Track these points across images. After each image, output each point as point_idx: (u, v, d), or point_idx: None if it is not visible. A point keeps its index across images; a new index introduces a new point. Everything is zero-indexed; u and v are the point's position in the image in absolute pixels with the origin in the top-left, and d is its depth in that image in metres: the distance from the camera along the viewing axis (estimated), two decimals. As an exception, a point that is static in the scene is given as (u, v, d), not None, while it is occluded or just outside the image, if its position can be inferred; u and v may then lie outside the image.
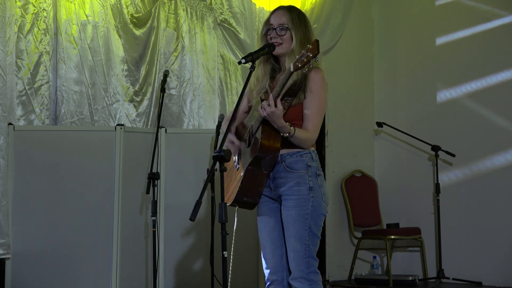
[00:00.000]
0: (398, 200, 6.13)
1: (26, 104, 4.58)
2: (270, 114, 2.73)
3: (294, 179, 2.88)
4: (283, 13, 2.99)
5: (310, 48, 2.64)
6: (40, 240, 4.36)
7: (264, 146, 2.81)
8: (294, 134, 2.81)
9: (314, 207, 2.87)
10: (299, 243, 2.86)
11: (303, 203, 2.86)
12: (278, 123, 2.77)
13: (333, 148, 5.99)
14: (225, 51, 5.39)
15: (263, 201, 3.00)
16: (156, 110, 4.97)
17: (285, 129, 2.79)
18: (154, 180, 4.16)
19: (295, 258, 2.87)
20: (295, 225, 2.86)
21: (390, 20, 6.45)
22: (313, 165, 2.91)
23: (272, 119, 2.75)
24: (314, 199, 2.88)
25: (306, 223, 2.86)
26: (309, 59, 2.63)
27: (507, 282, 5.28)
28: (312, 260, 2.88)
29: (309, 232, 2.86)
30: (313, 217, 2.87)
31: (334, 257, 5.84)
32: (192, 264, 4.70)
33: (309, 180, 2.88)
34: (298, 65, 2.65)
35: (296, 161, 2.89)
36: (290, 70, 2.68)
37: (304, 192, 2.87)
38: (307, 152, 2.92)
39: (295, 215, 2.86)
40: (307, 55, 2.63)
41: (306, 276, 2.86)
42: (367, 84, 6.42)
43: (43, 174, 4.43)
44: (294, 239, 2.86)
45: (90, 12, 4.84)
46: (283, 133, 2.80)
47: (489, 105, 5.63)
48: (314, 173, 2.91)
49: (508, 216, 5.41)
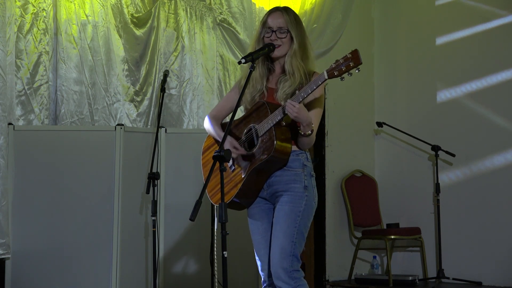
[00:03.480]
0: (398, 200, 6.13)
1: (26, 104, 4.58)
2: (298, 111, 2.74)
3: (290, 176, 2.90)
4: (281, 15, 2.99)
5: (351, 58, 2.67)
6: (40, 240, 4.36)
7: (279, 149, 2.82)
8: (312, 134, 2.84)
9: (306, 206, 2.89)
10: (287, 240, 2.85)
11: (297, 200, 2.87)
12: (307, 120, 2.78)
13: (333, 148, 5.99)
14: (224, 51, 5.39)
15: (255, 202, 3.00)
16: (156, 110, 4.97)
17: (310, 126, 2.82)
18: (154, 180, 4.15)
19: (280, 253, 2.85)
20: (286, 220, 2.86)
21: (390, 20, 6.45)
22: (308, 165, 2.94)
23: (301, 116, 2.76)
24: (308, 198, 2.89)
25: (297, 220, 2.86)
26: (349, 68, 2.68)
27: (507, 282, 5.29)
28: (295, 259, 2.87)
29: (298, 230, 2.86)
30: (304, 216, 2.88)
31: (334, 257, 5.84)
32: (192, 264, 4.70)
33: (304, 179, 2.90)
34: (335, 73, 2.69)
35: (292, 159, 2.90)
36: (324, 77, 2.71)
37: (300, 190, 2.88)
38: (302, 152, 2.95)
39: (287, 210, 2.87)
40: (347, 64, 2.66)
41: (290, 274, 2.85)
42: (367, 84, 6.42)
43: (43, 174, 4.43)
44: (283, 234, 2.85)
45: (90, 12, 4.84)
46: (306, 132, 2.81)
47: (489, 105, 5.64)
48: (309, 173, 2.94)
49: (508, 216, 5.41)
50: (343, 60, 2.66)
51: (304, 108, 2.78)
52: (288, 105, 2.76)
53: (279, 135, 2.83)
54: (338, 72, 2.67)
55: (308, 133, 2.82)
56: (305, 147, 2.93)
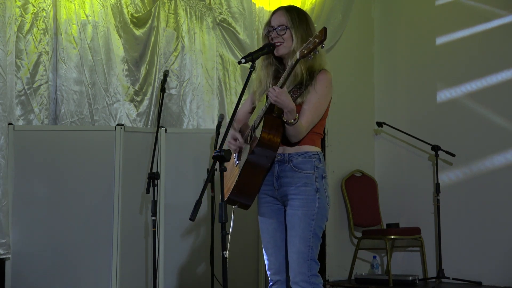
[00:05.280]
0: (398, 200, 6.13)
1: (25, 104, 4.58)
2: (278, 95, 2.70)
3: (301, 179, 2.85)
4: (282, 13, 2.99)
5: (317, 35, 2.63)
6: (39, 240, 4.36)
7: (264, 140, 2.77)
8: (297, 123, 2.76)
9: (320, 209, 2.85)
10: (303, 244, 2.83)
11: (310, 204, 2.84)
12: (288, 105, 2.71)
13: (333, 148, 5.99)
14: (224, 51, 5.39)
15: (266, 202, 2.98)
16: (156, 110, 4.97)
17: (294, 114, 2.73)
18: (154, 180, 4.15)
19: (298, 259, 2.83)
20: (301, 225, 2.83)
21: (390, 20, 6.45)
22: (320, 167, 2.90)
23: (281, 100, 2.70)
24: (320, 201, 2.86)
25: (311, 224, 2.83)
26: (315, 45, 2.62)
27: (507, 282, 5.28)
28: (313, 263, 2.85)
29: (314, 234, 2.84)
30: (318, 219, 2.84)
31: (334, 257, 5.84)
32: (192, 264, 4.70)
33: (316, 182, 2.86)
34: (304, 52, 2.64)
35: (304, 161, 2.87)
36: (296, 58, 2.67)
37: (311, 193, 2.85)
38: (315, 153, 2.90)
39: (301, 215, 2.83)
40: (313, 41, 2.62)
41: (307, 279, 2.82)
42: (367, 84, 6.42)
43: (43, 174, 4.43)
44: (299, 239, 2.83)
45: (90, 12, 4.84)
46: (289, 119, 2.74)
47: (489, 105, 5.63)
48: (321, 175, 2.90)
49: (508, 216, 5.41)
50: (312, 38, 2.64)
51: (286, 93, 2.72)
52: (270, 89, 2.74)
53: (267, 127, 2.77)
54: (307, 50, 2.63)
55: (291, 121, 2.75)
56: (291, 139, 2.84)
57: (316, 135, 2.95)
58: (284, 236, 2.94)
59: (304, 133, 2.84)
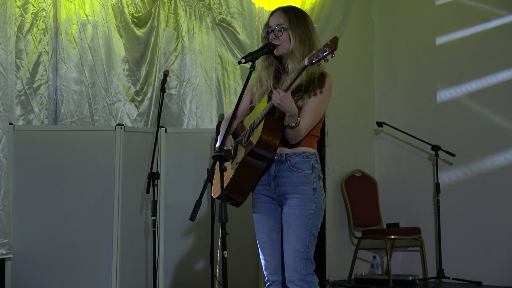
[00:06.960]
0: (398, 200, 6.13)
1: (25, 104, 4.58)
2: (282, 98, 2.70)
3: (299, 179, 2.87)
4: (280, 14, 2.99)
5: (328, 44, 2.63)
6: (39, 239, 4.36)
7: (263, 141, 2.77)
8: (298, 127, 2.78)
9: (317, 208, 2.86)
10: (299, 243, 2.84)
11: (307, 203, 2.85)
12: (290, 109, 2.72)
13: (333, 148, 5.99)
14: (223, 51, 5.38)
15: (261, 202, 2.98)
16: (156, 110, 4.97)
17: (295, 118, 2.75)
18: (154, 180, 4.15)
19: (294, 258, 2.84)
20: (298, 224, 2.84)
21: (390, 20, 6.44)
22: (317, 167, 2.91)
23: (284, 104, 2.71)
24: (318, 201, 2.87)
25: (308, 223, 2.84)
26: (325, 54, 2.62)
27: (507, 282, 5.28)
28: (309, 263, 2.86)
29: (310, 233, 2.85)
30: (315, 218, 2.86)
31: (334, 257, 5.84)
32: (192, 264, 4.70)
33: (313, 182, 2.87)
34: (312, 59, 2.64)
35: (302, 161, 2.88)
36: (304, 64, 2.67)
37: (309, 192, 2.86)
38: (312, 154, 2.92)
39: (298, 213, 2.84)
40: (323, 50, 2.63)
41: (303, 278, 2.83)
42: (367, 84, 6.42)
43: (43, 174, 4.43)
44: (295, 238, 2.84)
45: (90, 12, 4.84)
46: (290, 123, 2.76)
47: (489, 105, 5.63)
48: (318, 175, 2.91)
49: (508, 216, 5.40)
50: (323, 46, 2.65)
51: (289, 97, 2.73)
52: (274, 92, 2.74)
53: (267, 128, 2.78)
54: (316, 58, 2.64)
55: (291, 125, 2.76)
56: (290, 140, 2.86)
57: (313, 137, 2.97)
58: (280, 236, 2.95)
59: (303, 135, 2.86)
